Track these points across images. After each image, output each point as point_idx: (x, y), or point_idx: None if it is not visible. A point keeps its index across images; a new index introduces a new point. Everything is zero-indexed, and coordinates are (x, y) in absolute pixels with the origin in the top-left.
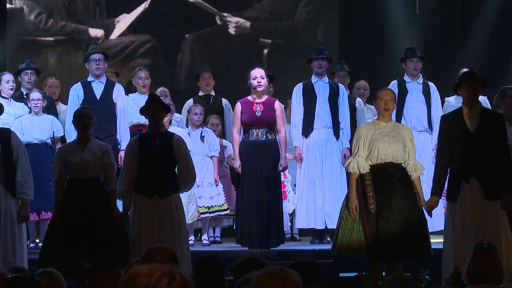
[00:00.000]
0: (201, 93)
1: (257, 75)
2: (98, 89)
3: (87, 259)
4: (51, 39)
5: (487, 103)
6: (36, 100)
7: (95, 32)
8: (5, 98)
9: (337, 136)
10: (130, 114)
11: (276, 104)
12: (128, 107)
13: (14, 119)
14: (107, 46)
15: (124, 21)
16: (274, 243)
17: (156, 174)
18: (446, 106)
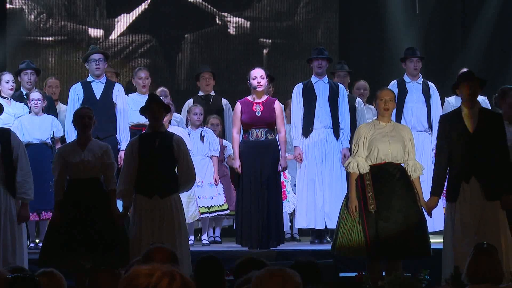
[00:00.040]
0: (201, 93)
1: (257, 75)
2: (98, 89)
3: (87, 259)
4: (51, 39)
5: (487, 103)
6: (36, 100)
7: (95, 32)
8: (5, 98)
9: (337, 136)
10: (130, 114)
11: (276, 104)
12: (128, 107)
13: (14, 119)
14: (107, 46)
15: (124, 21)
16: (274, 243)
17: (156, 174)
18: (446, 106)
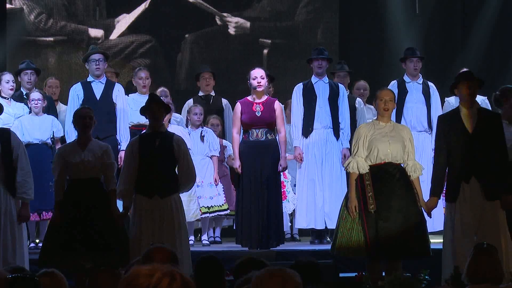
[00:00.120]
0: (201, 93)
1: (257, 75)
2: (98, 89)
3: (87, 259)
4: (51, 39)
5: (487, 103)
6: (36, 100)
7: (95, 32)
8: (5, 98)
9: (337, 136)
10: (130, 114)
11: (276, 104)
12: (128, 107)
13: (14, 119)
14: (107, 46)
15: (124, 21)
16: (273, 243)
17: (156, 174)
18: (446, 106)
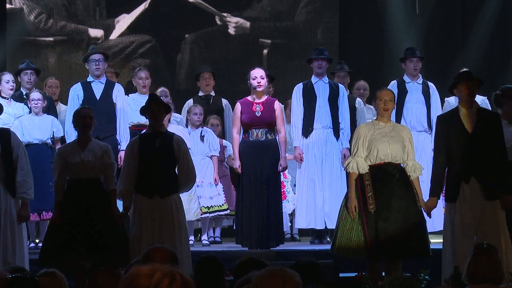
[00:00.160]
0: (201, 93)
1: (257, 75)
2: (98, 89)
3: (87, 259)
4: (51, 39)
5: (487, 103)
6: (36, 100)
7: (95, 32)
8: (5, 98)
9: (337, 136)
10: (130, 114)
11: (276, 104)
12: (128, 107)
13: (14, 119)
14: (107, 46)
15: (124, 21)
16: (273, 243)
17: (156, 174)
18: (446, 106)
